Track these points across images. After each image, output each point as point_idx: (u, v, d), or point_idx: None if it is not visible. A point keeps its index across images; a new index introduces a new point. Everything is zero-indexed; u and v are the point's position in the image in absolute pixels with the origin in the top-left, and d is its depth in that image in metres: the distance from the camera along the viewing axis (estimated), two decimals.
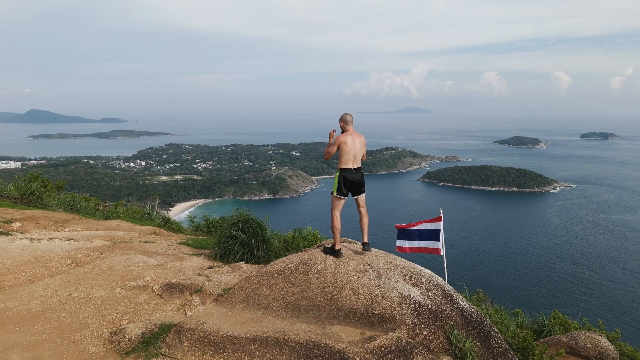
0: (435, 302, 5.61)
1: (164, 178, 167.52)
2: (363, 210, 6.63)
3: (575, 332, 8.96)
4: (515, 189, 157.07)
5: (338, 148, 6.35)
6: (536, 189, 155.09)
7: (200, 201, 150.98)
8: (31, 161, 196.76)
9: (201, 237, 12.84)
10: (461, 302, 5.83)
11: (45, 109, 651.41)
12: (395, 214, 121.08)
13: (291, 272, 6.05)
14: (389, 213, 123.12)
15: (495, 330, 5.76)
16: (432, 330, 5.26)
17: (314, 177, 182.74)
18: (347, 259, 6.17)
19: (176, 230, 14.05)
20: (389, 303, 5.42)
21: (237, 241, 7.93)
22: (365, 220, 6.64)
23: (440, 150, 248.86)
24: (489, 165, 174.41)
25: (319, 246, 7.44)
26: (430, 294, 5.73)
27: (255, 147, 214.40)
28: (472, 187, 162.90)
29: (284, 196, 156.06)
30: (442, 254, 7.71)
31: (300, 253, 6.66)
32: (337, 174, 6.38)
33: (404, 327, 5.19)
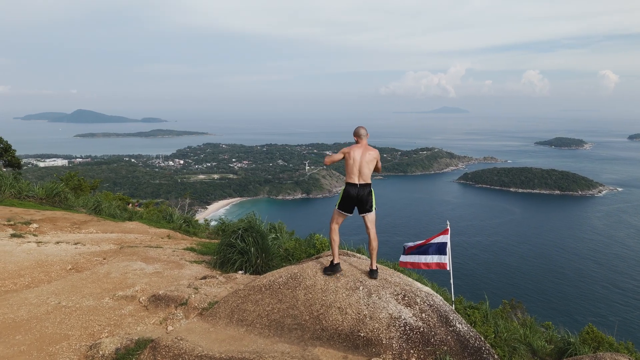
0: (429, 325, 5.22)
1: (201, 177, 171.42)
2: (372, 232, 5.98)
3: (601, 353, 8.32)
4: (557, 192, 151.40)
5: (344, 158, 6.02)
6: (580, 192, 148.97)
7: (236, 200, 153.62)
8: (77, 159, 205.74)
9: (215, 240, 12.79)
10: (458, 325, 5.40)
11: (91, 109, 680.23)
12: (428, 216, 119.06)
13: (279, 287, 5.79)
14: (421, 215, 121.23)
15: (495, 357, 5.31)
16: (422, 356, 4.88)
17: None
18: (338, 274, 5.85)
19: (191, 233, 14.07)
20: (377, 325, 5.07)
21: (236, 250, 7.75)
22: (374, 244, 6.01)
23: (478, 151, 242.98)
24: (529, 167, 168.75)
25: (316, 258, 7.16)
26: (423, 315, 5.34)
27: (290, 147, 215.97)
28: (511, 189, 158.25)
29: (317, 196, 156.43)
30: (448, 268, 7.26)
31: (292, 266, 6.40)
32: (344, 187, 6.03)
33: (390, 352, 4.83)
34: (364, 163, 5.95)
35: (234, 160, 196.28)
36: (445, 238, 7.22)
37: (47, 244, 8.83)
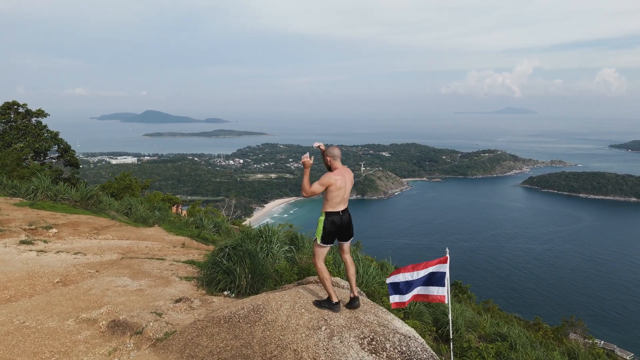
0: None
1: (259, 176, 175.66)
2: (348, 258, 5.47)
3: None
4: (634, 199, 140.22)
5: (326, 189, 5.32)
6: None
7: (292, 199, 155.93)
8: (145, 157, 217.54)
9: None
10: None
11: (158, 110, 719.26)
12: (480, 220, 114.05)
13: (238, 321, 5.26)
14: (471, 219, 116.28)
15: None
16: None
17: (404, 179, 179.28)
18: (302, 310, 5.23)
19: (209, 241, 13.89)
20: None
21: (221, 269, 7.33)
22: (352, 270, 5.47)
23: (545, 154, 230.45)
24: (602, 172, 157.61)
25: (298, 284, 6.58)
26: None
27: (346, 148, 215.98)
28: (581, 195, 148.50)
29: (373, 197, 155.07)
30: (447, 301, 6.41)
31: (259, 295, 5.86)
32: (322, 217, 5.29)
33: None
34: (348, 188, 5.44)
35: (290, 160, 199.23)
36: (444, 267, 6.38)
37: (47, 253, 8.88)
